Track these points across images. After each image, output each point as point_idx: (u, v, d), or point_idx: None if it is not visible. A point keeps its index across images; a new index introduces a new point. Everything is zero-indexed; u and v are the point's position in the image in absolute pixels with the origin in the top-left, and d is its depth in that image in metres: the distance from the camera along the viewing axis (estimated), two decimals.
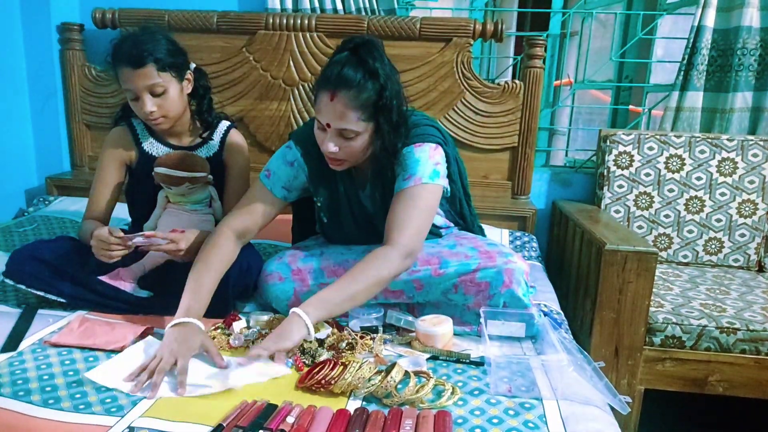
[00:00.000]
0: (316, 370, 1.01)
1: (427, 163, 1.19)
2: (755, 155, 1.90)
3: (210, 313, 1.23)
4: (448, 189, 1.27)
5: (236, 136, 1.43)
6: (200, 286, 1.13)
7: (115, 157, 1.36)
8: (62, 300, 1.23)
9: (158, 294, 1.29)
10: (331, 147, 1.12)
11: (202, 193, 1.38)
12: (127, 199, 1.43)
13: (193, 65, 1.35)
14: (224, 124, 1.42)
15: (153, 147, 1.37)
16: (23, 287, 1.22)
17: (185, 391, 0.95)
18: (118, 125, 1.39)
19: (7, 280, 1.22)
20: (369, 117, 1.11)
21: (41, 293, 1.22)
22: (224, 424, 0.85)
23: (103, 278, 1.25)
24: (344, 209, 1.29)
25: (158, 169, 1.31)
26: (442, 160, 1.23)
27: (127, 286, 1.29)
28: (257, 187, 1.29)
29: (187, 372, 0.97)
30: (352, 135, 1.11)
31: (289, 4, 1.97)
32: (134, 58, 1.22)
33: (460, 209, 1.38)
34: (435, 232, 1.32)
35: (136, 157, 1.37)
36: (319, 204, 1.31)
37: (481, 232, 1.44)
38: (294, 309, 1.06)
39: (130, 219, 1.48)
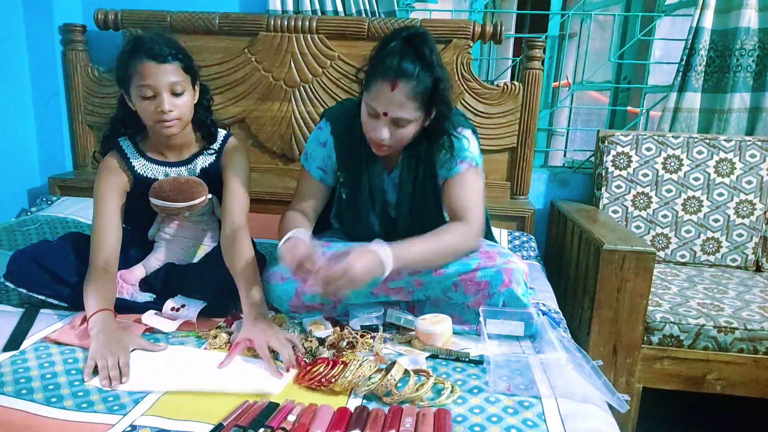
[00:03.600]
0: (312, 368, 1.02)
1: (473, 146, 1.27)
2: (753, 156, 1.91)
3: (211, 312, 1.25)
4: None
5: (234, 143, 1.39)
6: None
7: (113, 188, 1.28)
8: (64, 304, 1.24)
9: (160, 297, 1.29)
10: (384, 134, 1.15)
11: (203, 209, 1.37)
12: (123, 217, 1.35)
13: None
14: (221, 133, 1.39)
15: (146, 168, 1.32)
16: (24, 291, 1.23)
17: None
18: (109, 147, 1.32)
19: (8, 283, 1.22)
20: (422, 106, 1.14)
21: (42, 297, 1.23)
22: (224, 423, 0.86)
23: None
24: (364, 191, 1.31)
25: (155, 201, 1.29)
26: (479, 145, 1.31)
27: (129, 288, 1.30)
28: (302, 170, 1.36)
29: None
30: (405, 123, 1.14)
31: (290, 6, 1.98)
32: (160, 52, 1.18)
33: None
34: None
35: (130, 181, 1.31)
36: (341, 180, 1.34)
37: (493, 240, 1.46)
38: (375, 244, 1.07)
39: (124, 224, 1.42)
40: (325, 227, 1.50)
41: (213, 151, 1.36)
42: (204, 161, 1.36)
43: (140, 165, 1.32)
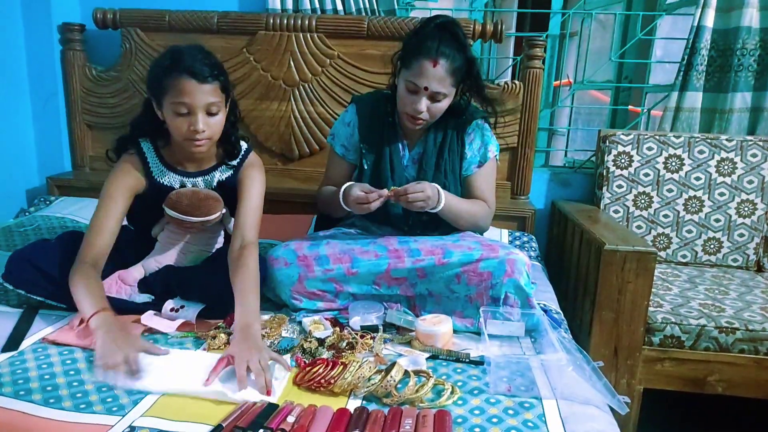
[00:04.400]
0: (311, 369, 1.02)
1: (494, 138, 1.46)
2: (754, 155, 1.90)
3: (210, 313, 1.24)
4: None
5: (254, 159, 1.38)
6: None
7: (125, 189, 1.26)
8: (62, 306, 1.23)
9: (158, 298, 1.29)
10: (422, 106, 1.29)
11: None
12: (128, 216, 1.34)
13: None
14: (243, 146, 1.37)
15: (164, 175, 1.30)
16: (23, 292, 1.22)
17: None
18: (125, 148, 1.30)
19: (6, 284, 1.22)
20: (456, 82, 1.30)
21: (40, 299, 1.23)
22: (224, 424, 0.85)
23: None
24: (385, 162, 1.42)
25: (170, 212, 1.28)
26: None
27: (126, 289, 1.30)
28: (330, 151, 1.53)
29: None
30: (441, 97, 1.29)
31: (289, 5, 1.97)
32: (202, 72, 1.16)
33: None
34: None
35: (145, 187, 1.30)
36: (364, 151, 1.45)
37: None
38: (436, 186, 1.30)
39: (128, 223, 1.42)
40: (331, 224, 1.52)
41: (232, 166, 1.35)
42: (222, 174, 1.35)
43: (158, 171, 1.30)
